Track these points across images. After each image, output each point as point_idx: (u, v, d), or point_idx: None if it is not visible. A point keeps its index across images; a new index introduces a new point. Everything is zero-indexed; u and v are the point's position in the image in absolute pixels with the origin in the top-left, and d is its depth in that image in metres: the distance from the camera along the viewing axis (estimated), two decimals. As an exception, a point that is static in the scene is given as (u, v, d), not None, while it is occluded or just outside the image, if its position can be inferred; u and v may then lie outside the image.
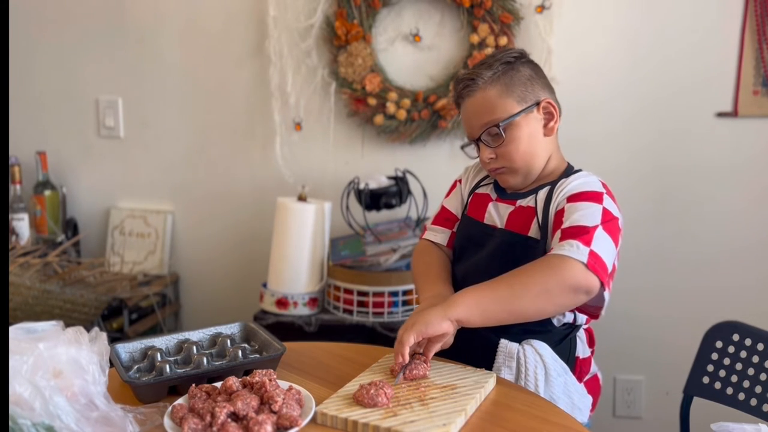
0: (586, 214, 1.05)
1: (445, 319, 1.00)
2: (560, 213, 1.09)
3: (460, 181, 1.35)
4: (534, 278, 1.00)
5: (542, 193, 1.16)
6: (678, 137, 1.88)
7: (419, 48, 1.96)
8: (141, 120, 2.19)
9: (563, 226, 1.05)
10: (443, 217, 1.33)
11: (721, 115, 1.85)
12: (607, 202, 1.08)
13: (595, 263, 0.99)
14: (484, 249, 1.19)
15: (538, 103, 1.17)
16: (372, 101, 1.94)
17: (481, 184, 1.29)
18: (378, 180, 1.90)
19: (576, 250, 1.00)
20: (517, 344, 1.12)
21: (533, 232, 1.13)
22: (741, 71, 1.82)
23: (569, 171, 1.19)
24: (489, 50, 1.87)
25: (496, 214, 1.20)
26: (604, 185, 1.13)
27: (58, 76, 2.20)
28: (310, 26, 1.97)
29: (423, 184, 1.91)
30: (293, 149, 2.07)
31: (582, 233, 1.02)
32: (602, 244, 1.01)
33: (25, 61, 2.20)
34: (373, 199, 1.87)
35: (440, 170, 1.98)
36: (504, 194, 1.23)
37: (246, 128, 2.11)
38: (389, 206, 1.88)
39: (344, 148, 2.05)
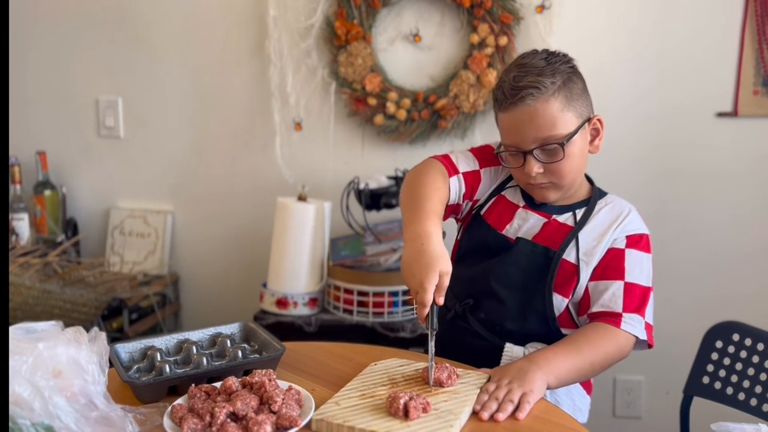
0: (644, 270, 1.12)
1: (545, 384, 0.99)
2: (618, 254, 1.12)
3: (490, 166, 1.22)
4: (607, 357, 1.06)
5: (579, 213, 1.15)
6: (678, 137, 1.88)
7: (419, 48, 1.96)
8: (141, 120, 2.18)
9: (626, 279, 1.10)
10: (472, 176, 1.20)
11: (721, 115, 1.85)
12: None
13: (649, 335, 1.10)
14: (499, 256, 1.16)
15: (589, 119, 1.15)
16: (372, 101, 1.94)
17: (507, 186, 1.22)
18: (378, 180, 1.89)
19: (639, 328, 1.08)
20: (522, 347, 1.12)
21: (562, 247, 1.12)
22: (741, 71, 1.82)
23: (596, 187, 1.20)
24: (489, 50, 1.86)
25: (524, 222, 1.16)
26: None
27: (58, 76, 2.20)
28: (310, 26, 1.97)
29: (423, 184, 1.91)
30: (293, 149, 2.06)
31: (641, 302, 1.10)
32: (651, 310, 1.11)
33: (25, 61, 2.20)
34: (373, 199, 1.87)
35: (440, 170, 1.98)
36: (533, 204, 1.18)
37: (246, 128, 2.11)
38: (389, 206, 1.88)
39: (344, 148, 2.05)
